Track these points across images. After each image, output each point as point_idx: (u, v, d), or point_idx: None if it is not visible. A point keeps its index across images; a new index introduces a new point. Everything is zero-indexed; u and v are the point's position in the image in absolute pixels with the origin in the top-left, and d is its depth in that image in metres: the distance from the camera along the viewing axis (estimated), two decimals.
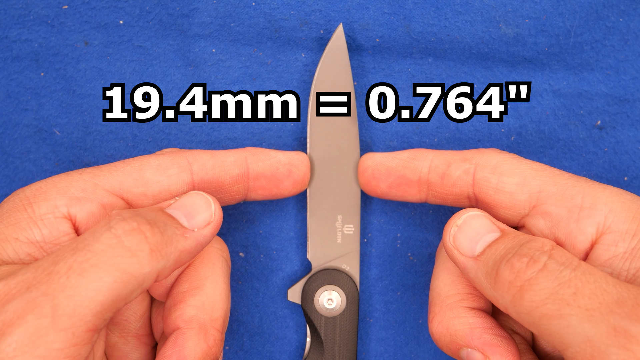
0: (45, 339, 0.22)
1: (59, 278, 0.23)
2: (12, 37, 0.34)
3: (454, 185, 0.31)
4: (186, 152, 0.31)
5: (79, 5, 0.34)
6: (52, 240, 0.27)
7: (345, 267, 0.34)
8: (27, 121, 0.35)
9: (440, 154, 0.31)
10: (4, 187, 0.35)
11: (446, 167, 0.31)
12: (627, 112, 0.36)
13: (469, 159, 0.31)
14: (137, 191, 0.29)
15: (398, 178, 0.32)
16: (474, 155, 0.31)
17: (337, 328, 0.34)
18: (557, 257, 0.25)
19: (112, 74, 0.35)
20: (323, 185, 0.34)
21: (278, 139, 0.36)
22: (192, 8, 0.35)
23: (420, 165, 0.31)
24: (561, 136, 0.36)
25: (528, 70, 0.35)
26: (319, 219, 0.34)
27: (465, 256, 0.27)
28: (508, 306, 0.25)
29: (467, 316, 0.29)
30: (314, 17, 0.35)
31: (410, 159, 0.32)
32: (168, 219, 0.26)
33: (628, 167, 0.36)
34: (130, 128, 0.35)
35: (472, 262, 0.27)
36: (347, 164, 0.34)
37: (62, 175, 0.29)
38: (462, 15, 0.35)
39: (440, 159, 0.31)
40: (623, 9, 0.35)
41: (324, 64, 0.34)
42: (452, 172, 0.30)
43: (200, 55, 0.35)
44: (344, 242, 0.34)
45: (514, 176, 0.29)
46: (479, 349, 0.28)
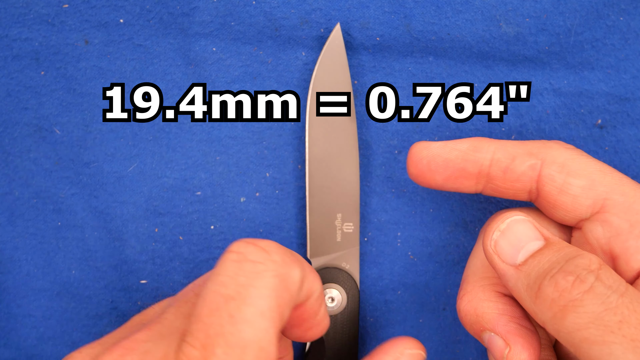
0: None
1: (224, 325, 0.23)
2: (12, 35, 0.34)
3: (517, 180, 0.29)
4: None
5: (79, 4, 0.34)
6: None
7: (345, 265, 0.34)
8: (27, 120, 0.35)
9: (503, 145, 0.29)
10: (4, 185, 0.35)
11: (510, 160, 0.29)
12: (627, 111, 0.35)
13: (535, 153, 0.29)
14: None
15: (457, 171, 0.30)
16: (540, 149, 0.29)
17: (338, 326, 0.34)
18: (605, 280, 0.23)
19: (113, 73, 0.35)
20: (322, 184, 0.34)
21: (278, 137, 0.36)
22: (193, 7, 0.35)
23: (481, 158, 0.29)
24: (562, 135, 0.36)
25: (528, 69, 0.35)
26: (318, 217, 0.34)
27: (506, 263, 0.26)
28: (547, 323, 0.24)
29: (497, 301, 0.28)
30: (315, 16, 0.35)
31: (470, 151, 0.29)
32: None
33: (629, 166, 0.36)
34: (130, 127, 0.35)
35: (512, 271, 0.26)
36: (347, 163, 0.34)
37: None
38: (462, 14, 0.35)
39: (504, 151, 0.29)
40: (623, 7, 0.35)
41: (322, 63, 0.34)
42: (517, 167, 0.29)
43: (200, 54, 0.35)
44: (343, 240, 0.34)
45: (581, 178, 0.28)
46: (502, 336, 0.27)
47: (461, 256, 0.36)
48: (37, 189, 0.35)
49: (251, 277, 0.24)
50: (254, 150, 0.36)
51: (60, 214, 0.35)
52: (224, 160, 0.36)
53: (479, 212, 0.36)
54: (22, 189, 0.35)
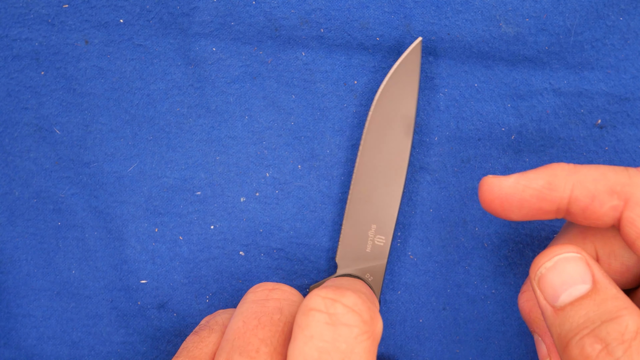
0: None
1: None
2: (12, 35, 0.34)
3: (597, 219, 0.27)
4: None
5: (79, 4, 0.34)
6: None
7: (369, 277, 0.34)
8: (27, 120, 0.35)
9: (582, 181, 0.27)
10: (4, 185, 0.35)
11: (589, 200, 0.27)
12: (627, 111, 0.35)
13: (618, 191, 0.26)
14: None
15: (532, 210, 0.28)
16: (624, 186, 0.26)
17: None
18: (635, 355, 0.22)
19: (113, 73, 0.35)
20: (365, 192, 0.34)
21: (278, 137, 0.36)
22: (193, 7, 0.35)
23: (558, 197, 0.27)
24: (562, 135, 0.36)
25: (528, 69, 0.35)
26: (353, 224, 0.34)
27: (547, 302, 0.25)
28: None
29: None
30: (315, 16, 0.35)
31: (546, 190, 0.27)
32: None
33: (628, 165, 0.36)
34: (130, 126, 0.35)
35: (550, 312, 0.25)
36: (393, 177, 0.34)
37: None
38: (462, 14, 0.35)
39: (583, 189, 0.27)
40: (623, 7, 0.35)
41: (394, 74, 0.33)
42: (597, 208, 0.27)
43: (200, 54, 0.35)
44: (373, 251, 0.34)
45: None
46: (547, 346, 0.27)
47: (461, 256, 0.36)
48: (37, 189, 0.35)
49: (351, 344, 0.23)
50: (254, 150, 0.36)
51: (60, 213, 0.35)
52: (224, 160, 0.36)
53: (479, 212, 0.36)
54: (22, 189, 0.35)
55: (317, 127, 0.36)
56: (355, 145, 0.36)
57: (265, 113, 0.36)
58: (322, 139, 0.36)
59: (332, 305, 0.24)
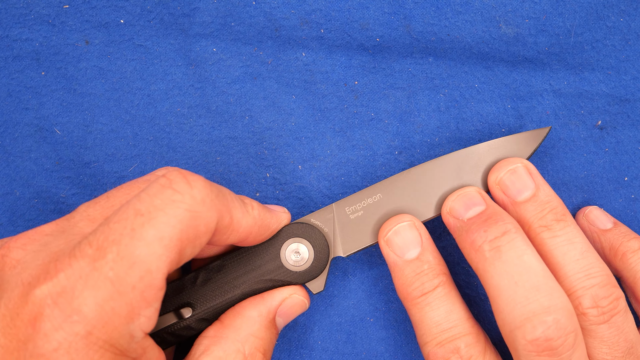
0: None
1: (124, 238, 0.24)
2: (13, 36, 0.34)
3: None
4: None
5: (79, 5, 0.34)
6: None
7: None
8: (28, 120, 0.35)
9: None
10: (4, 185, 0.35)
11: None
12: (627, 112, 0.35)
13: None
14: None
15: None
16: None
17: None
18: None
19: (113, 73, 0.35)
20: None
21: (278, 138, 0.36)
22: (193, 7, 0.35)
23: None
24: (562, 136, 0.36)
25: (528, 70, 0.35)
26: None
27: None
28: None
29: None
30: (315, 17, 0.35)
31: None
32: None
33: (628, 167, 0.36)
34: (130, 127, 0.35)
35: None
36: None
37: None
38: (462, 15, 0.35)
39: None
40: (623, 8, 0.35)
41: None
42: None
43: (201, 54, 0.35)
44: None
45: None
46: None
47: (461, 256, 0.36)
48: (38, 189, 0.35)
49: (166, 203, 0.25)
50: (254, 150, 0.36)
51: (61, 214, 0.35)
52: (225, 161, 0.36)
53: None
54: (22, 189, 0.35)
55: (317, 127, 0.36)
56: (355, 145, 0.36)
57: (265, 113, 0.36)
58: (322, 139, 0.36)
59: (176, 175, 0.26)
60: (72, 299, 0.24)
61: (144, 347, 0.26)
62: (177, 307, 0.31)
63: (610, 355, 0.30)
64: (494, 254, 0.29)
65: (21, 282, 0.25)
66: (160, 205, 0.25)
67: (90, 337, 0.24)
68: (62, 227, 0.29)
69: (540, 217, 0.31)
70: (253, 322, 0.30)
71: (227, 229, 0.28)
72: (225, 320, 0.31)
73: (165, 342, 0.31)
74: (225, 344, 0.29)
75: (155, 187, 0.26)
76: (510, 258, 0.29)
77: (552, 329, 0.28)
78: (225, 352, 0.29)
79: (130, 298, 0.24)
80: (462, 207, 0.31)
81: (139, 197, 0.26)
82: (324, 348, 0.36)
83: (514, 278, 0.29)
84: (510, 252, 0.29)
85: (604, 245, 0.34)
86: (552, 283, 0.29)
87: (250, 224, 0.29)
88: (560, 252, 0.31)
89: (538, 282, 0.28)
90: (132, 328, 0.25)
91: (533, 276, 0.29)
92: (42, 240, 0.28)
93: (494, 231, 0.30)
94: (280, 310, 0.31)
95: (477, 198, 0.32)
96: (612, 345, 0.30)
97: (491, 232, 0.30)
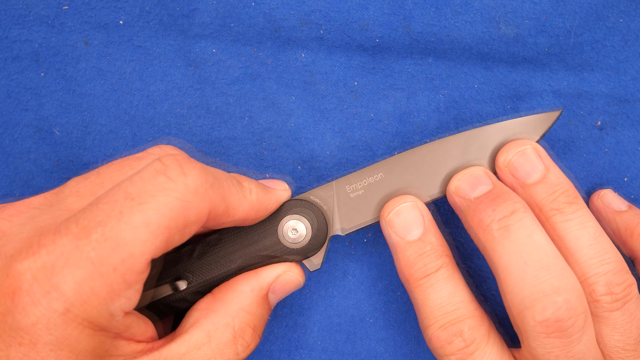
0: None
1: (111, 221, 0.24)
2: (12, 37, 0.34)
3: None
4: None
5: (79, 5, 0.34)
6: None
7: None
8: (27, 121, 0.35)
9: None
10: (4, 186, 0.35)
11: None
12: (627, 112, 0.35)
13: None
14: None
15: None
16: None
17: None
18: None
19: (112, 74, 0.35)
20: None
21: (278, 138, 0.36)
22: (192, 8, 0.35)
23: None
24: (561, 136, 0.36)
25: (528, 71, 0.35)
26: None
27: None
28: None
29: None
30: (314, 17, 0.35)
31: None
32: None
33: (628, 167, 0.36)
34: (130, 127, 0.35)
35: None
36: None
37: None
38: (462, 15, 0.35)
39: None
40: (623, 9, 0.35)
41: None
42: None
43: (200, 55, 0.35)
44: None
45: None
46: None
47: (461, 257, 0.36)
48: (37, 190, 0.35)
49: (157, 190, 0.25)
50: (254, 151, 0.36)
51: None
52: (224, 161, 0.36)
53: None
54: (22, 190, 0.35)
55: (317, 128, 0.36)
56: (354, 146, 0.36)
57: (265, 114, 0.36)
58: (322, 140, 0.36)
59: (172, 161, 0.26)
60: (52, 275, 0.24)
61: (126, 325, 0.26)
62: (173, 279, 0.31)
63: (623, 342, 0.30)
64: (503, 233, 0.29)
65: (4, 254, 0.25)
66: (151, 191, 0.25)
67: (69, 314, 0.24)
68: (51, 200, 0.29)
69: (551, 199, 0.31)
70: (245, 296, 0.30)
71: (222, 217, 0.28)
72: (218, 294, 0.30)
73: (160, 313, 0.31)
74: (215, 317, 0.29)
75: (149, 171, 0.26)
76: (519, 237, 0.29)
77: (562, 309, 0.27)
78: (215, 326, 0.29)
79: (110, 279, 0.24)
80: (469, 186, 0.31)
81: (132, 179, 0.25)
82: (324, 348, 0.36)
83: (523, 257, 0.28)
84: (519, 232, 0.29)
85: (619, 226, 0.34)
86: (562, 263, 0.28)
87: (248, 209, 0.29)
88: (573, 237, 0.30)
89: (548, 262, 0.28)
90: (112, 308, 0.25)
91: (543, 256, 0.28)
92: (29, 213, 0.28)
93: (502, 210, 0.29)
94: (273, 287, 0.31)
95: (484, 177, 0.31)
96: (624, 332, 0.30)
97: (499, 211, 0.29)
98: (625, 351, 0.30)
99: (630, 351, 0.30)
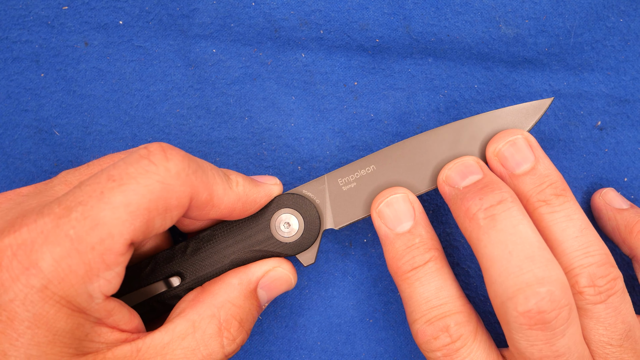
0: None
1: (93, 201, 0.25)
2: (12, 38, 0.34)
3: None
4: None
5: (78, 6, 0.34)
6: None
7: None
8: (27, 122, 0.35)
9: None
10: (4, 187, 0.35)
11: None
12: (627, 112, 0.35)
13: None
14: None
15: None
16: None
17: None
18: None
19: (112, 74, 0.35)
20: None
21: (278, 139, 0.36)
22: (192, 8, 0.35)
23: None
24: (561, 136, 0.36)
25: (528, 71, 0.35)
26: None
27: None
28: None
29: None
30: (314, 17, 0.35)
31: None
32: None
33: (628, 167, 0.36)
34: (130, 128, 0.35)
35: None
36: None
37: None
38: (462, 15, 0.35)
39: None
40: (623, 9, 0.35)
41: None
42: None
43: (200, 55, 0.35)
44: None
45: None
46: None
47: (461, 257, 0.36)
48: None
49: (139, 172, 0.26)
50: (254, 151, 0.36)
51: None
52: (224, 162, 0.36)
53: None
54: None
55: (317, 128, 0.36)
56: (354, 146, 0.36)
57: (265, 114, 0.36)
58: (322, 140, 0.36)
59: (156, 148, 0.27)
60: (31, 252, 0.24)
61: (107, 310, 0.26)
62: (167, 276, 0.31)
63: (607, 337, 0.30)
64: (489, 222, 0.29)
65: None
66: (133, 174, 0.25)
67: (46, 292, 0.24)
68: (40, 189, 0.29)
69: (538, 191, 0.30)
70: (232, 289, 0.30)
71: (205, 205, 0.28)
72: (206, 286, 0.31)
73: (154, 310, 0.31)
74: (200, 308, 0.29)
75: (134, 156, 0.26)
76: (505, 227, 0.28)
77: (545, 300, 0.27)
78: (200, 316, 0.29)
79: (88, 258, 0.25)
80: (459, 175, 0.31)
81: (116, 164, 0.26)
82: (324, 349, 0.36)
83: (508, 247, 0.28)
84: (505, 221, 0.29)
85: (619, 224, 0.34)
86: (548, 254, 0.28)
87: (233, 200, 0.29)
88: (558, 228, 0.30)
89: (533, 253, 0.28)
90: (90, 288, 0.25)
91: (528, 246, 0.28)
92: (18, 200, 0.29)
93: (489, 199, 0.29)
94: (262, 282, 0.31)
95: (474, 167, 0.31)
96: (608, 326, 0.29)
97: (487, 200, 0.29)
98: (610, 346, 0.30)
99: (615, 346, 0.30)
